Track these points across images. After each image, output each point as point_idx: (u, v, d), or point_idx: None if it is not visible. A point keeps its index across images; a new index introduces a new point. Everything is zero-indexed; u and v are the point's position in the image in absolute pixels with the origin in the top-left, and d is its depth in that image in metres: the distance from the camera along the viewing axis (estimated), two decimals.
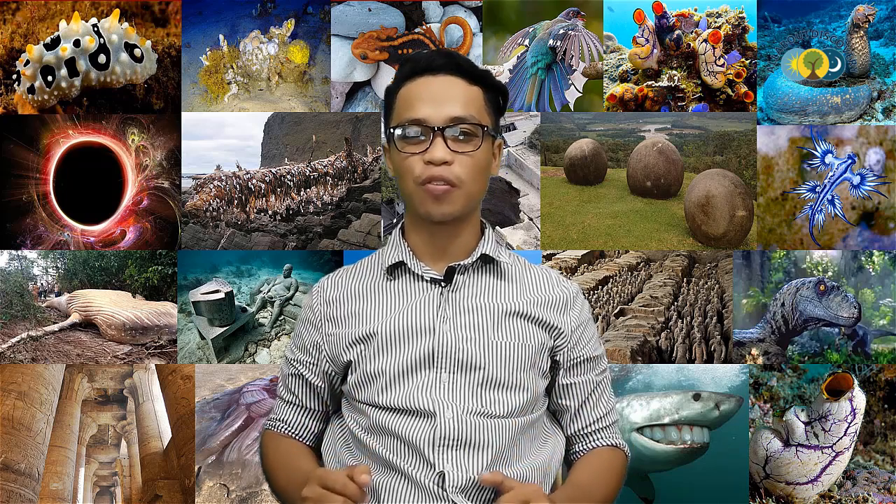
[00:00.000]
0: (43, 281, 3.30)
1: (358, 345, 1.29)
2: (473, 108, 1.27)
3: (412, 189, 1.27)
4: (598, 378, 1.39)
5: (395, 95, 1.31)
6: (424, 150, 1.24)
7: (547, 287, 1.36)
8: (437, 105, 1.25)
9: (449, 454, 1.20)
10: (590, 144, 3.20)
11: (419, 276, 1.32)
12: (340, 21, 2.86)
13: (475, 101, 1.28)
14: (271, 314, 3.27)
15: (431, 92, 1.26)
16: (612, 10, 2.87)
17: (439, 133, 1.24)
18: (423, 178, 1.24)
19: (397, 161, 1.28)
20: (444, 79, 1.28)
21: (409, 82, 1.29)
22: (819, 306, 2.79)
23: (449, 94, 1.26)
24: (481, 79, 1.31)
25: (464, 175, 1.25)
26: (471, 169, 1.26)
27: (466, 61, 1.31)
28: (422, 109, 1.25)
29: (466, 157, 1.25)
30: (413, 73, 1.29)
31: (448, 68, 1.28)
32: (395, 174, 1.32)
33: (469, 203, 1.29)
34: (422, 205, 1.27)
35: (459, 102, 1.26)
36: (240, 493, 2.88)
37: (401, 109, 1.28)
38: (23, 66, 2.62)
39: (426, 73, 1.28)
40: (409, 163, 1.26)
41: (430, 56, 1.30)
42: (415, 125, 1.25)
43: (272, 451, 1.39)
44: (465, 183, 1.26)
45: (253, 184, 3.02)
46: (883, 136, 2.79)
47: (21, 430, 3.41)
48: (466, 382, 1.24)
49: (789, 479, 2.42)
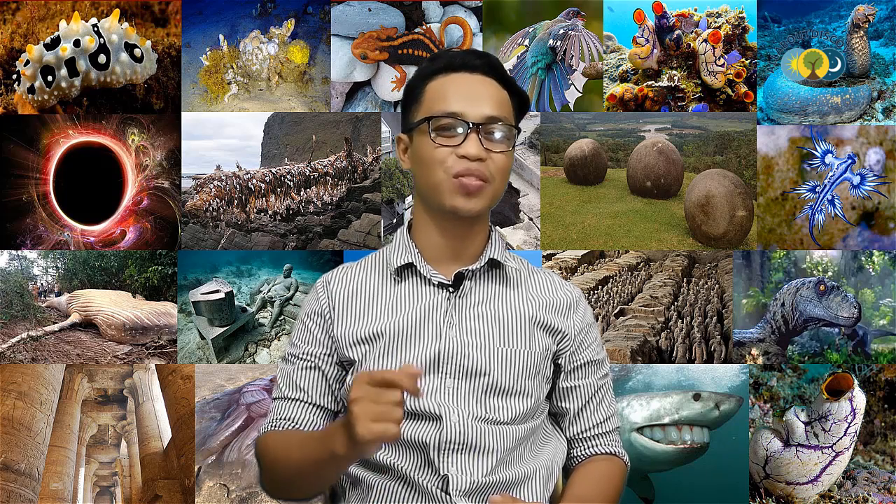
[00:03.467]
0: (43, 281, 3.30)
1: (362, 344, 1.28)
2: (505, 111, 1.28)
3: (441, 179, 1.25)
4: (599, 382, 1.39)
5: (423, 88, 1.30)
6: (458, 145, 1.24)
7: (551, 290, 1.36)
8: (474, 102, 1.25)
9: (454, 457, 1.20)
10: (590, 144, 3.20)
11: (427, 280, 1.31)
12: (340, 21, 2.86)
13: (507, 104, 1.29)
14: (271, 314, 3.27)
15: (468, 89, 1.26)
16: (612, 10, 2.87)
17: (475, 129, 1.24)
18: (453, 171, 1.24)
19: (427, 151, 1.26)
20: (480, 78, 1.28)
21: (442, 77, 1.28)
22: (819, 306, 2.79)
23: (485, 93, 1.27)
24: (511, 84, 1.31)
25: (496, 173, 1.26)
26: (501, 168, 1.27)
27: (501, 65, 1.32)
28: (458, 104, 1.25)
29: (499, 155, 1.26)
30: (448, 68, 1.29)
31: (485, 69, 1.29)
32: (411, 167, 1.32)
33: (492, 202, 1.29)
34: (450, 197, 1.25)
35: (494, 103, 1.27)
36: (240, 493, 2.88)
37: (433, 102, 1.27)
38: (23, 66, 2.62)
39: (463, 70, 1.28)
40: (440, 153, 1.25)
41: (467, 54, 1.30)
42: (450, 118, 1.25)
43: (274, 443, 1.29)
44: (496, 181, 1.27)
45: (253, 184, 3.02)
46: (883, 136, 2.79)
47: (21, 430, 3.41)
48: (471, 389, 1.24)
49: (789, 479, 2.42)
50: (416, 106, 1.30)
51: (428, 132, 1.25)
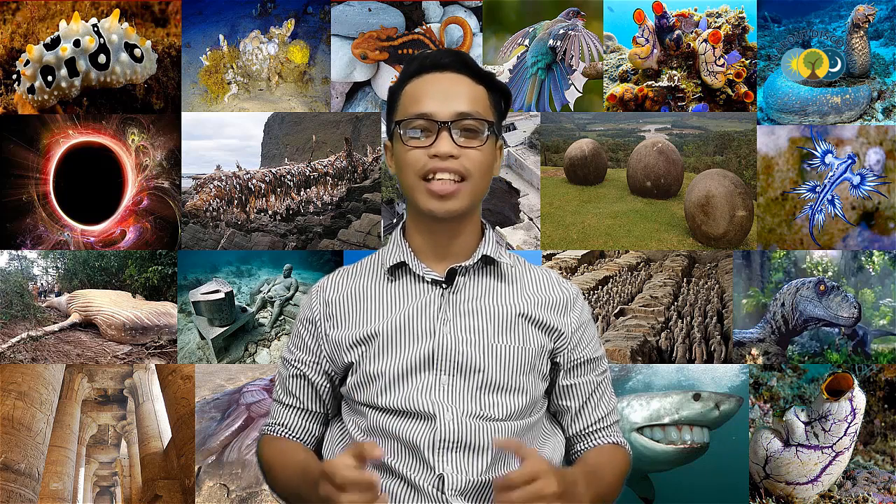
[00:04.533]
0: (43, 281, 3.30)
1: (358, 346, 1.28)
2: (479, 106, 1.28)
3: (413, 183, 1.26)
4: (598, 379, 1.39)
5: (399, 93, 1.31)
6: (430, 145, 1.24)
7: (547, 288, 1.36)
8: (444, 100, 1.25)
9: (448, 456, 1.20)
10: (590, 144, 3.20)
11: (420, 277, 1.31)
12: (340, 21, 2.86)
13: (481, 99, 1.29)
14: (271, 314, 3.27)
15: (438, 88, 1.27)
16: (612, 10, 2.87)
17: (445, 127, 1.24)
18: (425, 170, 1.24)
19: (400, 155, 1.28)
20: (450, 76, 1.28)
21: (416, 79, 1.29)
22: (819, 306, 2.79)
23: (455, 90, 1.27)
24: (486, 79, 1.31)
25: (472, 169, 1.26)
26: (478, 163, 1.26)
27: (472, 61, 1.32)
28: (428, 104, 1.25)
29: (472, 151, 1.26)
30: (420, 70, 1.29)
31: (455, 66, 1.29)
32: (395, 172, 1.32)
33: (473, 200, 1.29)
34: (424, 201, 1.26)
35: (466, 98, 1.26)
36: (240, 493, 2.88)
37: (406, 105, 1.28)
38: (23, 66, 2.62)
39: (433, 69, 1.28)
40: (412, 156, 1.25)
41: (436, 54, 1.30)
42: (421, 119, 1.25)
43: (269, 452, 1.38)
44: (473, 176, 1.26)
45: (253, 184, 3.02)
46: (883, 136, 2.79)
47: (21, 430, 3.41)
48: (466, 385, 1.24)
49: (789, 479, 2.42)
50: (394, 111, 1.32)
51: (400, 136, 1.26)
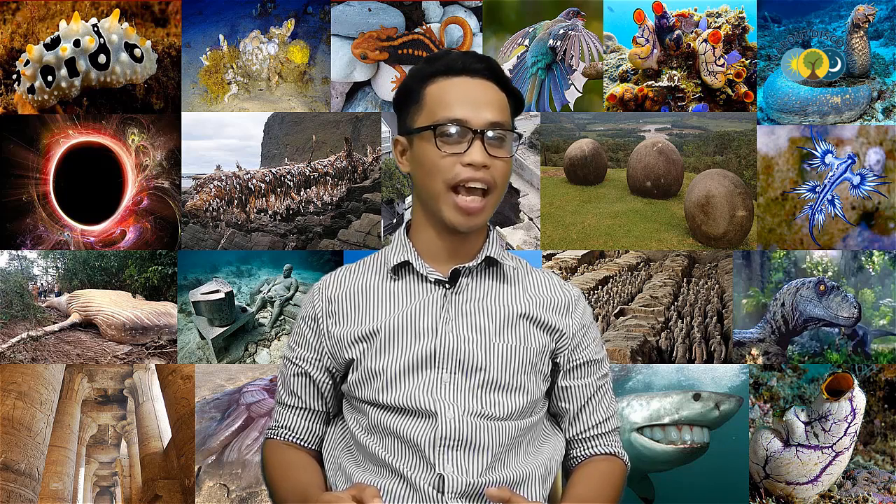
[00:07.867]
0: (43, 281, 3.30)
1: (360, 343, 1.29)
2: (506, 115, 1.28)
3: (439, 190, 1.25)
4: (598, 382, 1.39)
5: (422, 90, 1.29)
6: (462, 152, 1.23)
7: (549, 290, 1.36)
8: (477, 108, 1.25)
9: (449, 454, 1.20)
10: (590, 144, 3.20)
11: (423, 277, 1.31)
12: (340, 21, 2.86)
13: (506, 107, 1.29)
14: (271, 314, 3.27)
15: (470, 94, 1.26)
16: (612, 10, 2.87)
17: (479, 136, 1.24)
18: (457, 179, 1.24)
19: (430, 158, 1.26)
20: (481, 82, 1.27)
21: (443, 80, 1.27)
22: (819, 306, 2.79)
23: (486, 98, 1.26)
24: (508, 85, 1.31)
25: (499, 180, 1.26)
26: (503, 174, 1.27)
27: (500, 68, 1.31)
28: (461, 110, 1.24)
29: (500, 161, 1.26)
30: (447, 71, 1.28)
31: (485, 73, 1.28)
32: (411, 171, 1.31)
33: (493, 210, 1.29)
34: (450, 214, 1.26)
35: (496, 108, 1.26)
36: (240, 493, 2.88)
37: (435, 106, 1.26)
38: (23, 66, 2.62)
39: (463, 74, 1.27)
40: (444, 162, 1.24)
41: (467, 57, 1.29)
42: (456, 125, 1.24)
43: (274, 463, 1.37)
44: (498, 187, 1.27)
45: (253, 184, 3.02)
46: (883, 136, 2.79)
47: (21, 430, 3.41)
48: (467, 384, 1.24)
49: (789, 479, 2.42)
50: (415, 109, 1.29)
51: (434, 140, 1.25)
